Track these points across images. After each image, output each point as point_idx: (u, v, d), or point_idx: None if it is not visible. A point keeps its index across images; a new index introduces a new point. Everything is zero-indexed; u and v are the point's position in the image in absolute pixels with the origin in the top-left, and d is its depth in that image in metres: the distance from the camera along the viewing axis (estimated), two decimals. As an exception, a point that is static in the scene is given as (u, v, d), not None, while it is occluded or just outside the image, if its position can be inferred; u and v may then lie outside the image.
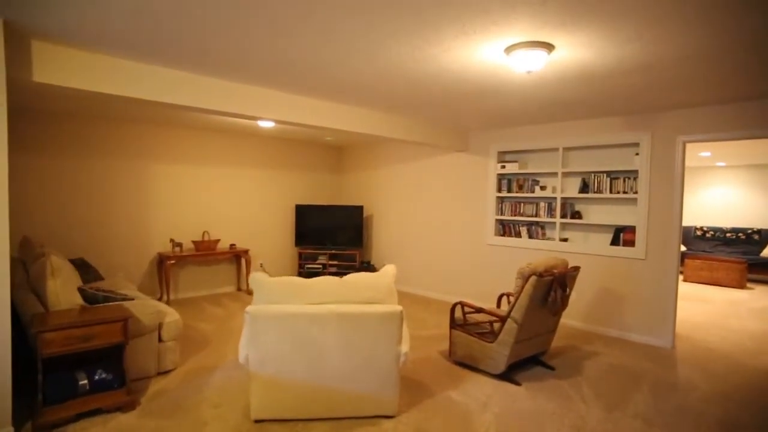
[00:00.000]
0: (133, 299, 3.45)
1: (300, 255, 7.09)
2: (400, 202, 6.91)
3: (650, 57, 2.80)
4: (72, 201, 5.27)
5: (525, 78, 3.32)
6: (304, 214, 7.11)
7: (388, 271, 2.97)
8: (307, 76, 3.43)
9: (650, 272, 4.47)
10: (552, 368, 3.73)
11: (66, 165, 5.21)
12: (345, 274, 6.93)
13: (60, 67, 2.91)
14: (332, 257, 7.09)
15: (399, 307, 2.67)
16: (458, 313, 3.85)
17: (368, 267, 6.85)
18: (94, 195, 5.43)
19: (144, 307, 3.37)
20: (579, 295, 4.97)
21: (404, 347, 2.76)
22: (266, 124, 5.20)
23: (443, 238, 6.29)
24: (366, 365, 2.72)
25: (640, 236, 4.53)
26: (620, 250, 4.67)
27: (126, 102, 3.37)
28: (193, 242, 6.02)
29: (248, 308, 2.63)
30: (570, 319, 5.04)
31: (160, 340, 3.51)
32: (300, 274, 7.06)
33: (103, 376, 2.87)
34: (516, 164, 5.45)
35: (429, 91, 3.79)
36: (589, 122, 4.87)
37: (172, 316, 3.60)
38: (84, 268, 4.82)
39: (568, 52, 2.76)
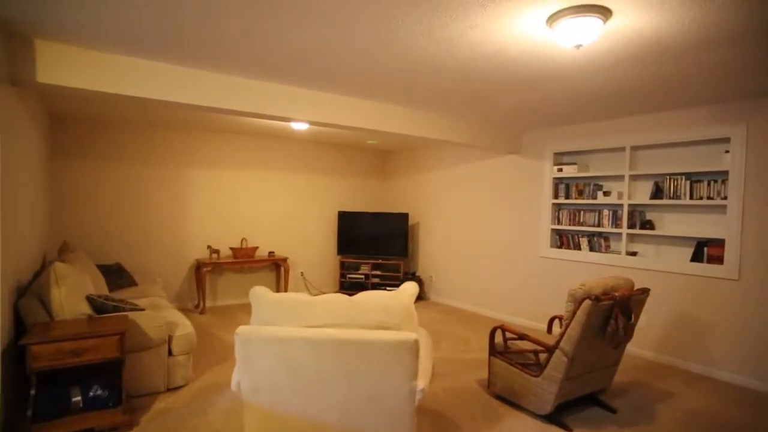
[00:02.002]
0: (143, 309, 3.27)
1: (342, 264, 6.79)
2: (448, 210, 6.41)
3: (747, 21, 2.15)
4: (112, 206, 5.32)
5: (575, 59, 2.75)
6: (346, 222, 6.81)
7: (406, 290, 2.52)
8: (328, 67, 3.09)
9: (745, 295, 3.65)
10: (613, 411, 3.08)
11: (105, 171, 5.28)
12: (388, 286, 6.53)
13: (69, 68, 2.79)
14: (375, 267, 6.72)
15: (413, 335, 2.22)
16: (498, 338, 3.31)
17: (413, 278, 6.41)
18: (133, 200, 5.46)
19: (152, 319, 3.17)
20: (651, 319, 4.20)
21: (421, 383, 2.30)
22: (299, 126, 4.95)
23: (493, 248, 5.70)
24: (373, 402, 2.29)
25: (731, 251, 3.71)
26: (704, 268, 3.87)
27: (146, 104, 3.24)
28: (231, 249, 5.91)
29: (238, 329, 2.30)
30: (639, 347, 4.27)
31: (170, 354, 3.30)
32: (342, 285, 6.76)
33: (98, 393, 2.67)
34: (575, 167, 4.78)
35: (459, 81, 3.31)
36: (662, 115, 4.12)
37: (183, 328, 3.38)
38: (118, 274, 4.80)
39: (631, 20, 2.19)
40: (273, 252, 6.27)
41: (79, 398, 2.62)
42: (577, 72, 3.00)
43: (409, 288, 2.53)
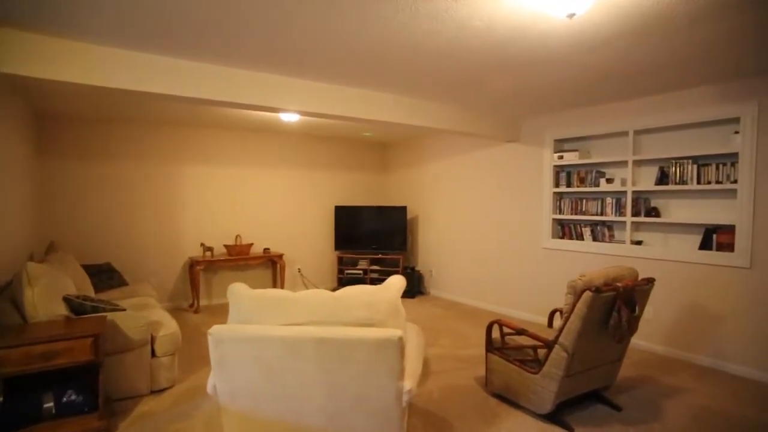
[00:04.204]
0: (124, 310, 3.14)
1: (340, 260, 6.64)
2: (447, 202, 6.23)
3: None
4: (103, 205, 5.20)
5: (569, 35, 2.56)
6: (343, 216, 6.65)
7: (392, 285, 2.36)
8: (312, 52, 2.92)
9: (758, 284, 3.45)
10: (618, 408, 2.91)
11: (95, 169, 5.15)
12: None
13: (35, 57, 2.65)
14: (374, 262, 6.56)
15: (398, 333, 2.06)
16: (496, 334, 3.14)
17: (412, 273, 6.25)
18: (125, 199, 5.33)
19: (133, 319, 3.04)
20: (658, 311, 4.02)
21: (408, 383, 2.14)
22: (289, 118, 4.79)
23: (493, 240, 5.53)
24: (357, 405, 2.14)
25: (741, 238, 3.52)
26: (713, 256, 3.67)
27: (131, 98, 3.09)
28: (225, 246, 5.78)
29: (211, 329, 2.16)
30: (645, 340, 4.09)
31: (153, 355, 3.17)
32: (340, 280, 6.61)
33: (73, 398, 2.54)
34: (576, 153, 4.58)
35: (449, 64, 3.13)
36: (666, 96, 3.92)
37: (167, 329, 3.25)
38: (108, 274, 4.69)
39: (628, -15, 2.00)
40: (268, 249, 6.14)
41: (51, 404, 2.50)
42: (574, 50, 2.81)
43: (396, 282, 2.37)
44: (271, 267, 6.41)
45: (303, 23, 2.44)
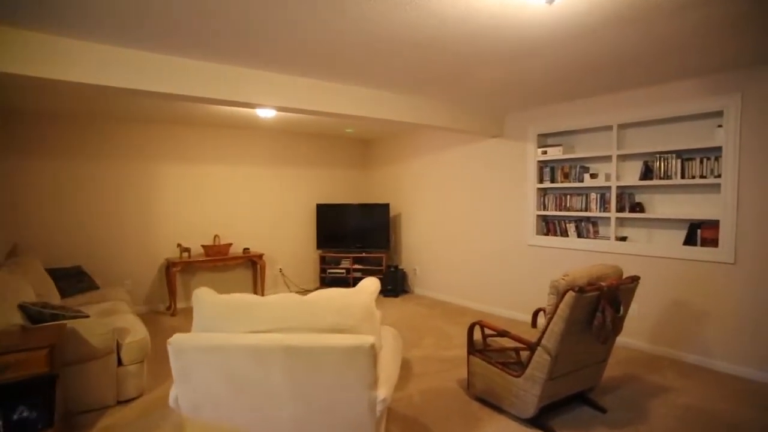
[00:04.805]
0: (87, 316, 2.97)
1: (322, 259, 6.50)
2: (430, 199, 6.12)
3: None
4: (72, 206, 4.99)
5: (552, 23, 2.46)
6: (325, 215, 6.51)
7: (365, 288, 2.24)
8: (287, 44, 2.77)
9: (742, 280, 3.40)
10: (603, 410, 2.83)
11: (64, 168, 4.93)
12: (369, 279, 6.24)
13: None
14: (357, 261, 6.44)
15: (369, 339, 1.94)
16: (478, 335, 3.04)
17: (396, 272, 6.13)
18: (96, 199, 5.12)
19: (96, 326, 2.87)
20: (643, 308, 3.96)
21: (382, 392, 2.02)
22: (266, 114, 4.63)
23: (477, 237, 5.43)
24: (328, 416, 2.01)
25: (726, 233, 3.46)
26: (698, 252, 3.62)
27: (100, 93, 2.90)
28: (203, 247, 5.60)
29: (171, 338, 2.02)
30: (630, 338, 4.03)
31: (120, 363, 3.00)
32: (323, 280, 6.48)
33: (25, 414, 2.37)
34: (560, 148, 4.50)
35: (429, 54, 3.01)
36: (650, 90, 3.84)
37: (135, 335, 3.09)
38: (78, 278, 4.49)
39: (610, -31, 1.90)
40: (248, 249, 5.97)
41: None
42: (557, 40, 2.70)
43: (370, 285, 2.25)
44: (251, 267, 6.24)
45: (277, 13, 2.30)
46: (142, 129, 5.37)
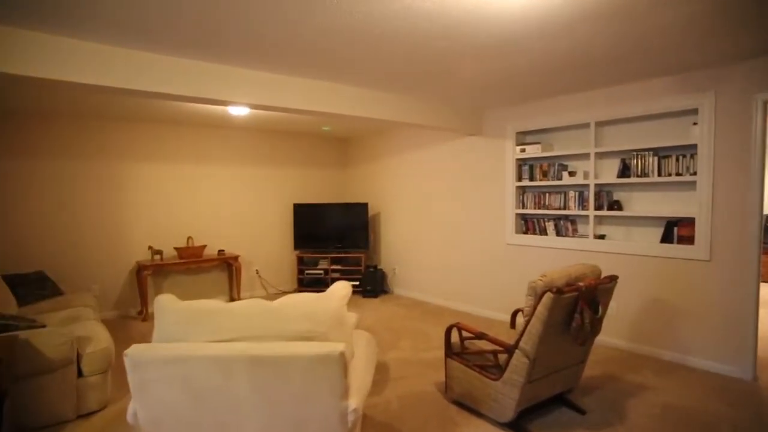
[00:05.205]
0: (43, 326, 2.80)
1: (300, 260, 6.37)
2: (409, 198, 6.04)
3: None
4: (35, 208, 4.75)
5: (529, 18, 2.39)
6: (303, 215, 6.37)
7: (335, 292, 2.14)
8: (259, 40, 2.64)
9: (718, 277, 3.41)
10: (582, 411, 2.79)
11: (25, 167, 4.69)
12: (349, 280, 6.15)
13: None
14: (335, 261, 6.33)
15: (339, 347, 1.84)
16: (456, 338, 2.97)
17: (375, 272, 6.04)
18: (61, 200, 4.89)
19: (52, 336, 2.70)
20: (621, 307, 3.95)
21: (354, 401, 1.93)
22: (239, 112, 4.48)
23: (457, 237, 5.38)
24: (296, 429, 1.91)
25: (701, 230, 3.47)
26: (674, 249, 3.62)
27: (63, 89, 2.73)
28: (176, 249, 5.42)
29: (128, 349, 1.88)
30: (609, 336, 4.02)
31: (80, 374, 2.84)
32: (300, 281, 6.35)
33: (-28, 433, 2.21)
34: (538, 146, 4.47)
35: (402, 50, 2.92)
36: (627, 87, 3.83)
37: (97, 344, 2.93)
38: (39, 284, 4.27)
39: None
40: (223, 250, 5.80)
41: (-54, 440, 2.16)
42: (534, 36, 2.64)
43: (340, 289, 2.15)
44: (226, 269, 6.07)
45: (249, 7, 2.17)
46: (112, 127, 5.16)
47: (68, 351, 2.74)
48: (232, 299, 6.03)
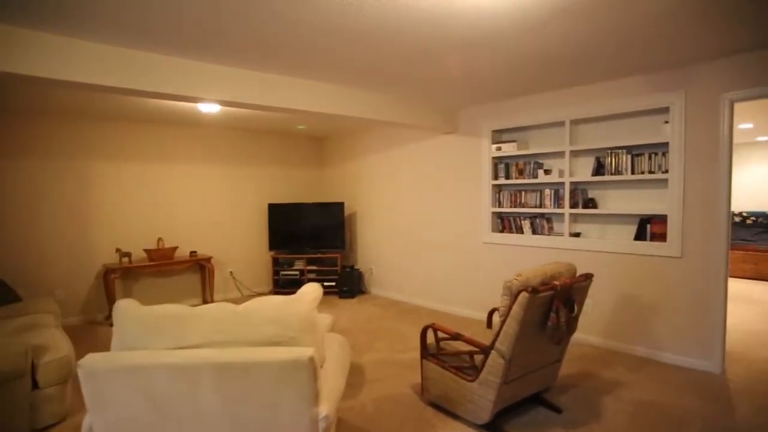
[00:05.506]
0: (-4, 334, 2.63)
1: (275, 261, 6.24)
2: (385, 197, 5.98)
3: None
4: (-9, 208, 4.52)
5: (501, 15, 2.36)
6: (278, 215, 6.24)
7: (304, 295, 2.06)
8: (228, 34, 2.53)
9: (689, 274, 3.45)
10: (559, 410, 2.78)
11: (-20, 166, 4.45)
12: (325, 281, 6.07)
13: None
14: (311, 262, 6.22)
15: (308, 352, 1.76)
16: (431, 339, 2.92)
17: (352, 272, 5.96)
18: (22, 201, 4.66)
19: (3, 346, 2.54)
20: (596, 304, 3.98)
21: (324, 408, 1.85)
22: (209, 109, 4.34)
23: (433, 236, 5.34)
24: (264, 439, 1.83)
25: (673, 228, 3.51)
26: (647, 246, 3.66)
27: (23, 84, 2.56)
28: (146, 251, 5.23)
29: (83, 359, 1.77)
30: (585, 333, 4.05)
31: (36, 386, 2.68)
32: (276, 283, 6.22)
33: None
34: (514, 144, 4.47)
35: (374, 45, 2.86)
36: (601, 86, 3.86)
37: (55, 353, 2.77)
38: (-5, 289, 4.04)
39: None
40: (195, 252, 5.63)
41: None
42: (509, 32, 2.61)
43: (310, 292, 2.08)
44: (199, 271, 5.90)
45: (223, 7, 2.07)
46: (76, 125, 4.94)
47: (20, 362, 2.57)
48: (205, 302, 5.86)
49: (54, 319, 3.56)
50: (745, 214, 8.01)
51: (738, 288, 6.20)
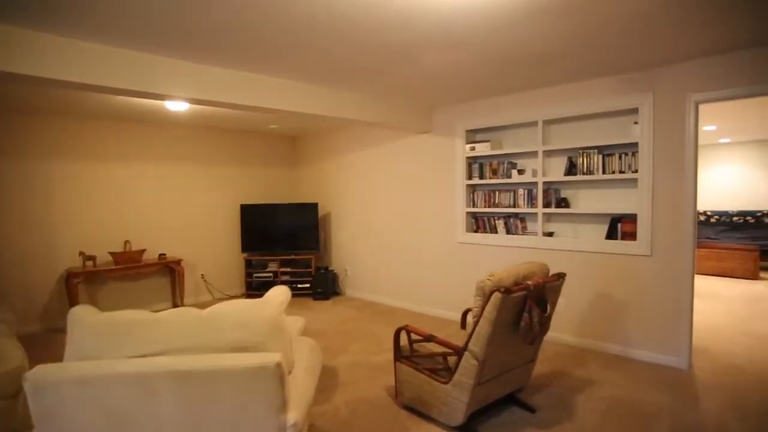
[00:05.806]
0: (-59, 345, 2.46)
1: (248, 263, 6.10)
2: (359, 197, 5.92)
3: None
4: (-59, 210, 4.26)
5: (473, 14, 2.33)
6: (250, 216, 6.11)
7: (272, 298, 1.99)
8: (196, 29, 2.43)
9: (658, 272, 3.51)
10: (533, 410, 2.77)
11: (-72, 166, 4.20)
12: (299, 283, 5.97)
13: None
14: (285, 264, 6.11)
15: (275, 357, 1.69)
16: (405, 341, 2.88)
17: (326, 273, 5.88)
18: (-27, 202, 4.41)
19: (-50, 356, 2.38)
20: (569, 303, 4.01)
21: (293, 415, 1.78)
22: (177, 107, 4.20)
23: (408, 236, 5.31)
24: (229, 450, 1.75)
25: (642, 227, 3.57)
26: (618, 245, 3.70)
27: None
28: (111, 254, 5.03)
29: (29, 372, 1.65)
30: (558, 332, 4.08)
31: (-14, 399, 2.52)
32: (249, 285, 6.08)
33: None
34: (488, 144, 4.47)
35: (346, 44, 2.80)
36: (573, 86, 3.90)
37: (7, 364, 2.61)
38: (-54, 295, 3.81)
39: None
40: (164, 254, 5.45)
41: None
42: (479, 31, 2.59)
43: (278, 295, 2.01)
44: (168, 274, 5.72)
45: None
46: (37, 123, 4.70)
47: (-31, 373, 2.42)
48: (175, 306, 5.68)
49: (7, 328, 3.37)
50: (709, 213, 8.28)
51: (703, 285, 6.39)
